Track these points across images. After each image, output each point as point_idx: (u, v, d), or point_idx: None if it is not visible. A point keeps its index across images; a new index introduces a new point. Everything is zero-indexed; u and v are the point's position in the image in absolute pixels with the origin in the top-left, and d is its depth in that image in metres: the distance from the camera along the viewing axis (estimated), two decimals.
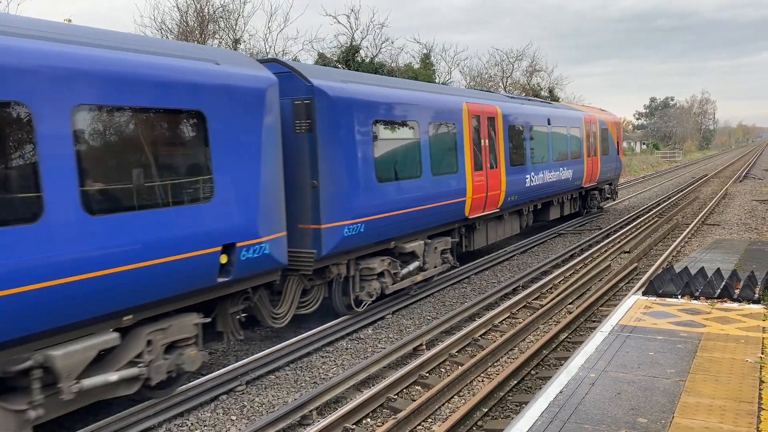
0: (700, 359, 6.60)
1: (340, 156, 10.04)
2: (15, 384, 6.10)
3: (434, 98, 13.04)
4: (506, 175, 15.89)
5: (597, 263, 15.72)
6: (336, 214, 9.95)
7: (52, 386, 6.16)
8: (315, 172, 9.78)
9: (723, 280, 9.71)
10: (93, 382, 6.48)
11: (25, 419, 5.98)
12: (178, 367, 7.50)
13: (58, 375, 6.12)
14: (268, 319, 9.39)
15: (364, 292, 11.11)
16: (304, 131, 9.81)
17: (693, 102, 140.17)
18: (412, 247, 12.10)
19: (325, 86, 9.89)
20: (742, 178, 43.65)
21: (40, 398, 6.05)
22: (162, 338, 7.28)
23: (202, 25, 29.21)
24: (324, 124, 9.80)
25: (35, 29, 6.11)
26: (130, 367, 6.93)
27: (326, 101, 9.81)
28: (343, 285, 10.89)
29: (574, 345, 10.02)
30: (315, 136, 9.74)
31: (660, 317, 8.15)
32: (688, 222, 22.56)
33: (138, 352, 7.02)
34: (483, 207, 14.83)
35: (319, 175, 9.77)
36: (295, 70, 9.87)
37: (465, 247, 14.89)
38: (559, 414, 5.41)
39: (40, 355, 6.02)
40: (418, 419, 7.37)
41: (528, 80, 51.47)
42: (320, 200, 9.78)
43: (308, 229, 9.83)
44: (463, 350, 9.87)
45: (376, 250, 11.29)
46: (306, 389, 8.44)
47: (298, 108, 9.78)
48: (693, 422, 5.15)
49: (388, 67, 34.37)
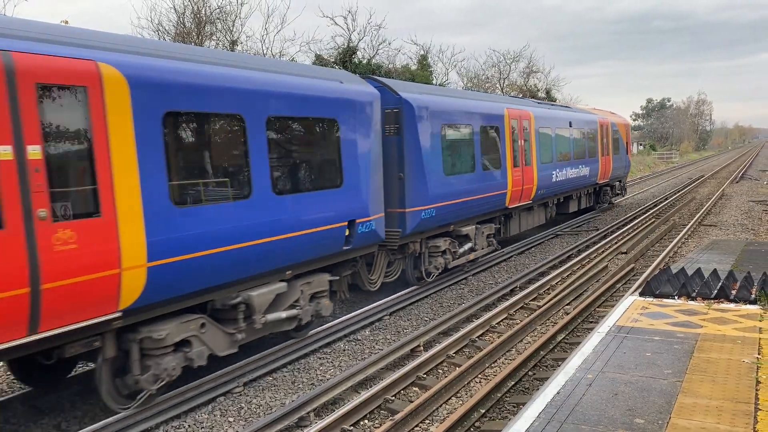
0: (697, 360, 6.61)
1: (419, 154, 12.35)
2: (227, 316, 8.34)
3: (484, 105, 15.38)
4: (537, 171, 18.18)
5: (594, 264, 15.75)
6: (416, 201, 12.26)
7: (249, 318, 8.50)
8: (401, 167, 12.08)
9: (720, 281, 9.73)
10: (272, 317, 8.91)
11: (234, 340, 8.39)
12: (317, 312, 9.91)
13: (253, 309, 8.47)
14: (366, 283, 11.83)
15: (431, 266, 13.48)
16: (393, 134, 12.12)
17: (690, 103, 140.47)
18: (467, 230, 14.52)
19: (410, 98, 12.21)
20: (738, 179, 43.75)
21: (243, 326, 8.41)
22: (308, 289, 9.67)
23: (199, 26, 29.22)
24: (408, 128, 12.09)
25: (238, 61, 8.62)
26: (291, 309, 9.30)
27: (410, 110, 12.09)
28: (415, 260, 13.13)
29: (571, 346, 10.03)
30: (401, 137, 12.06)
31: (657, 318, 8.17)
32: (685, 223, 22.61)
33: (296, 298, 9.40)
34: (519, 198, 17.12)
35: (404, 169, 12.07)
36: (386, 85, 12.20)
37: (503, 233, 17.13)
38: (556, 415, 5.41)
39: (244, 294, 8.34)
40: (415, 420, 7.37)
41: (525, 81, 51.56)
42: (405, 189, 12.07)
43: (396, 213, 12.11)
44: (460, 351, 9.88)
45: (440, 232, 13.60)
46: (303, 391, 8.43)
47: (389, 115, 12.09)
48: (690, 423, 5.15)
49: (385, 68, 34.38)
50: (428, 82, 35.35)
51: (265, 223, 8.38)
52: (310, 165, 9.47)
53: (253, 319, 8.51)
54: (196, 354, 7.71)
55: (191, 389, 7.96)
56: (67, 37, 6.47)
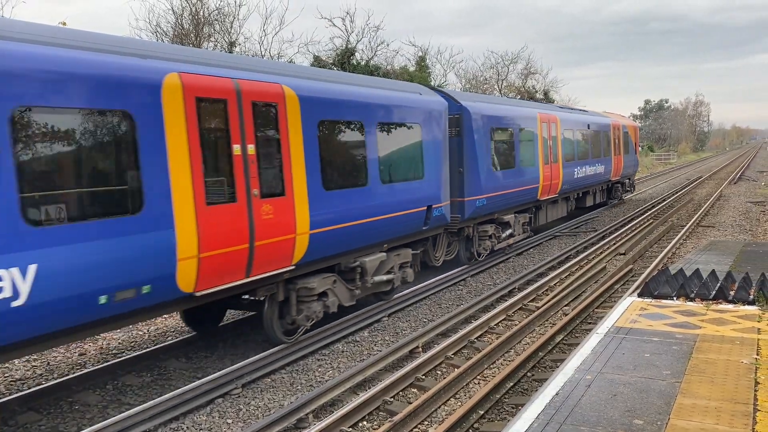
0: (695, 361, 6.61)
1: (475, 152, 14.84)
2: (349, 276, 10.88)
3: (522, 110, 18.07)
4: (563, 168, 20.65)
5: (593, 265, 15.75)
6: (472, 192, 14.77)
7: (363, 278, 11.06)
8: (461, 163, 14.61)
9: (718, 282, 9.74)
10: (377, 278, 11.49)
11: (353, 294, 10.92)
12: (403, 278, 12.43)
13: (366, 272, 11.02)
14: (432, 259, 14.34)
15: (481, 247, 16.03)
16: (455, 136, 14.61)
17: (687, 104, 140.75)
18: (508, 218, 17.02)
19: (468, 105, 14.80)
20: (736, 180, 43.81)
21: (359, 284, 10.98)
22: (398, 260, 12.18)
23: (197, 28, 29.19)
24: (466, 130, 14.65)
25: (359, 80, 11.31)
26: (388, 274, 11.85)
27: (468, 115, 14.66)
28: (467, 242, 15.61)
29: (570, 347, 10.03)
30: (461, 138, 14.65)
31: (655, 319, 8.17)
32: (683, 224, 22.63)
33: (391, 266, 11.94)
34: (548, 192, 19.56)
35: (463, 165, 14.61)
36: (449, 95, 14.86)
37: (534, 222, 19.42)
38: (555, 416, 5.41)
39: (360, 260, 10.92)
40: (414, 422, 7.36)
41: (523, 83, 51.60)
42: (464, 182, 14.59)
43: (456, 201, 14.50)
44: (459, 352, 9.87)
45: (487, 219, 16.05)
46: (302, 392, 8.42)
47: (451, 120, 14.50)
48: (689, 424, 5.15)
49: (383, 69, 34.39)
50: (426, 84, 35.39)
51: (376, 206, 10.94)
52: (404, 161, 11.92)
53: (366, 279, 11.09)
54: (330, 303, 10.21)
55: (189, 391, 7.94)
56: (261, 67, 9.10)
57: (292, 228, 8.95)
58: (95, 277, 6.45)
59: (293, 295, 9.60)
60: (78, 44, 6.62)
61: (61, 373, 9.41)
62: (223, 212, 7.85)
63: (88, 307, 6.49)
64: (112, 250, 6.61)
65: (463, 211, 14.60)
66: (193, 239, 7.46)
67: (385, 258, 11.56)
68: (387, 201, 11.19)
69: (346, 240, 10.26)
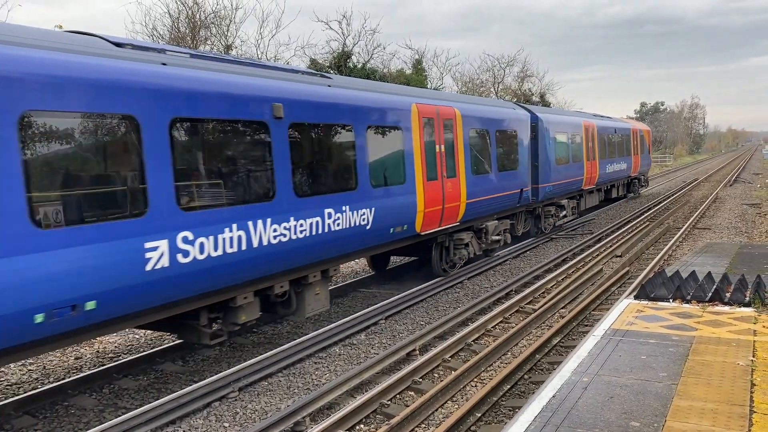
0: (692, 363, 6.63)
1: (545, 150, 20.10)
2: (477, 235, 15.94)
3: (573, 118, 23.71)
4: (599, 165, 25.88)
5: (589, 267, 15.77)
6: (543, 180, 19.84)
7: (486, 236, 16.08)
8: (536, 158, 19.60)
9: (714, 284, 9.76)
10: (494, 237, 16.34)
11: (481, 247, 16.06)
12: (505, 240, 17.12)
13: (488, 232, 16.03)
14: (517, 229, 18.69)
15: (546, 223, 21.09)
16: (532, 138, 19.23)
17: (683, 107, 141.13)
18: (563, 202, 22.19)
19: (541, 116, 20.12)
20: (732, 182, 43.93)
21: (484, 240, 16.06)
22: (502, 227, 16.90)
23: (193, 31, 29.19)
24: (540, 134, 19.86)
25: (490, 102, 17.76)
26: (498, 236, 16.62)
27: (542, 124, 20.01)
28: (535, 220, 20.60)
29: (566, 349, 10.03)
30: (536, 140, 19.71)
31: (652, 321, 8.18)
32: (679, 226, 22.68)
33: (500, 230, 16.76)
34: (589, 183, 24.81)
35: (538, 160, 19.65)
36: (527, 108, 20.08)
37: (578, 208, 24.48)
38: (552, 418, 5.41)
39: (485, 223, 15.85)
40: (411, 424, 7.35)
41: (519, 86, 51.69)
42: (538, 172, 19.62)
43: (532, 187, 19.08)
44: (456, 355, 9.87)
45: (550, 202, 21.09)
46: (299, 395, 8.41)
47: (531, 127, 19.16)
48: (685, 425, 5.16)
49: (380, 72, 34.42)
50: (423, 87, 35.41)
51: (495, 188, 15.83)
52: (509, 156, 16.96)
53: (488, 236, 16.03)
54: (470, 251, 15.33)
55: (186, 394, 7.91)
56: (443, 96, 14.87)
57: (459, 198, 14.07)
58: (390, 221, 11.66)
59: (451, 244, 14.76)
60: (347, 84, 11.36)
61: (57, 376, 9.38)
62: (432, 185, 13.02)
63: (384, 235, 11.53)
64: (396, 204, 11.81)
65: (538, 194, 19.51)
66: (422, 200, 12.64)
67: (497, 224, 16.50)
68: (501, 185, 16.17)
69: (480, 209, 15.15)
